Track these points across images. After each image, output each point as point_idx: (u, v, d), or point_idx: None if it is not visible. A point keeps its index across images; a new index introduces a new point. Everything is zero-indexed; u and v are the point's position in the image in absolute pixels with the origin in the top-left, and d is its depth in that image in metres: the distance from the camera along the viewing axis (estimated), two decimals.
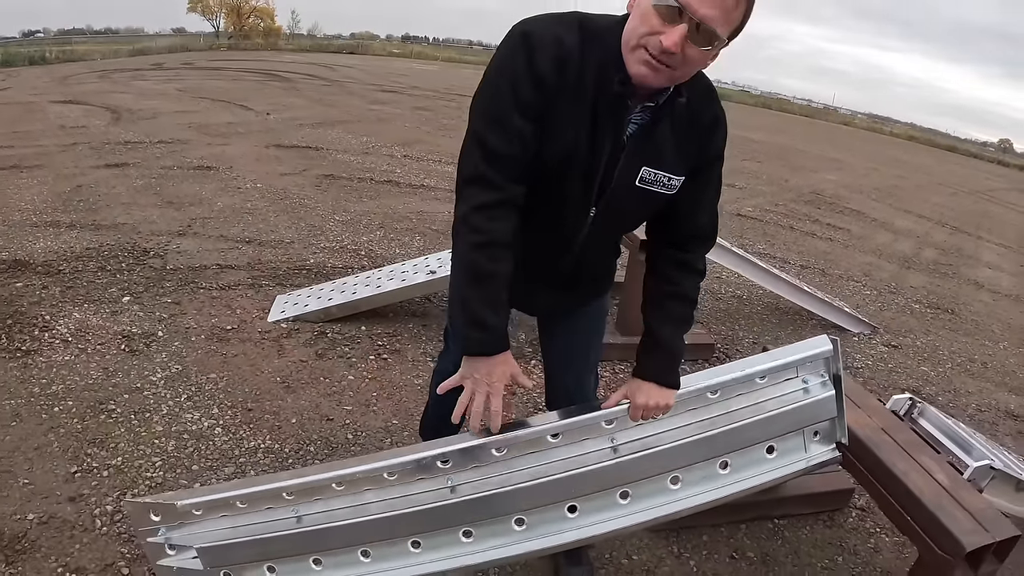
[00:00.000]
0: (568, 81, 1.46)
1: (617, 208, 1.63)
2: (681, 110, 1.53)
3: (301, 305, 3.92)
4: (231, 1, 56.62)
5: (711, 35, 1.31)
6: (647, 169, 1.56)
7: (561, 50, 1.44)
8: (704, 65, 1.43)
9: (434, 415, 2.45)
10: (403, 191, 7.10)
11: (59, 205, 5.56)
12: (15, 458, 2.57)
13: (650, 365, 1.76)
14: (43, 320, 3.60)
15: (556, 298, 1.91)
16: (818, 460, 2.06)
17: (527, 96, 1.45)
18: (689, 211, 1.71)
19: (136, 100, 11.86)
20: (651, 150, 1.55)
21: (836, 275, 6.57)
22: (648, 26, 1.33)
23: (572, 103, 1.48)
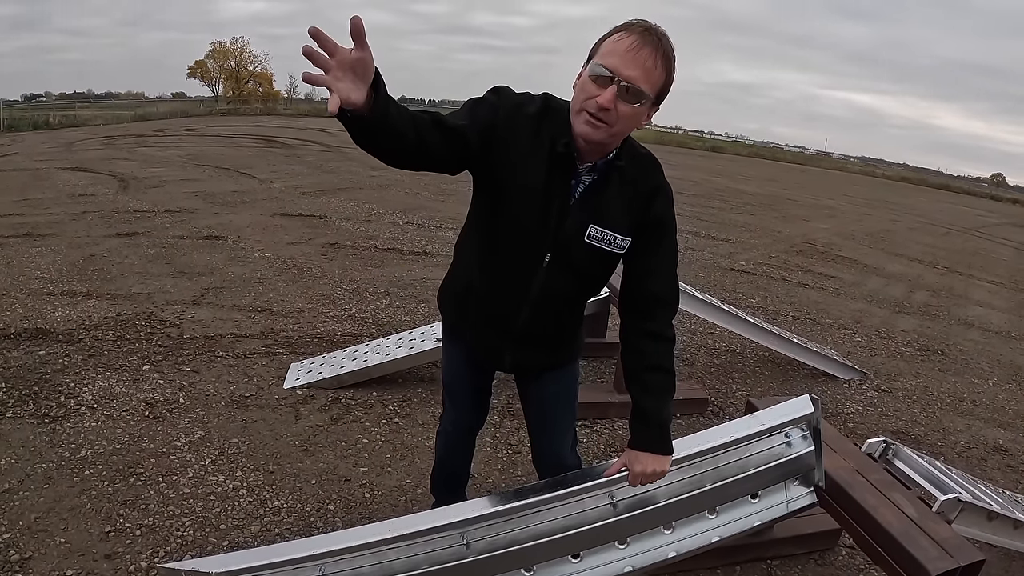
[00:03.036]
0: (522, 137, 1.75)
1: (569, 260, 1.85)
2: (624, 174, 1.81)
3: (315, 372, 4.09)
4: (230, 66, 57.62)
5: (638, 93, 1.62)
6: (594, 226, 1.81)
7: (519, 111, 1.76)
8: (637, 122, 1.70)
9: (441, 473, 2.69)
10: (406, 258, 7.30)
11: (74, 274, 5.76)
12: (50, 518, 2.71)
13: (643, 437, 1.91)
14: (68, 387, 3.76)
15: (521, 354, 2.07)
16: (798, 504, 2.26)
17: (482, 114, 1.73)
18: (643, 276, 1.89)
19: (141, 168, 12.14)
20: (597, 208, 1.81)
21: (827, 324, 6.76)
22: (587, 93, 1.65)
23: (527, 155, 1.75)
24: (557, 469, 2.28)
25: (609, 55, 1.62)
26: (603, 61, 1.62)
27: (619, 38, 1.63)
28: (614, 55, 1.62)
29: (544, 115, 1.76)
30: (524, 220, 1.80)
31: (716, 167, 26.96)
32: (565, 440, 2.34)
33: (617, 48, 1.62)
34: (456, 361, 2.32)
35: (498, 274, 1.92)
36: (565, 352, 2.17)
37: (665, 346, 1.90)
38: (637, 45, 1.60)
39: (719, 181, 20.87)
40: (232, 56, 57.75)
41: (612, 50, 1.62)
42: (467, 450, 2.67)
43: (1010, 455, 4.32)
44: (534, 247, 1.83)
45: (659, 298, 1.90)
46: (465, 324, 2.12)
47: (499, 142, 1.73)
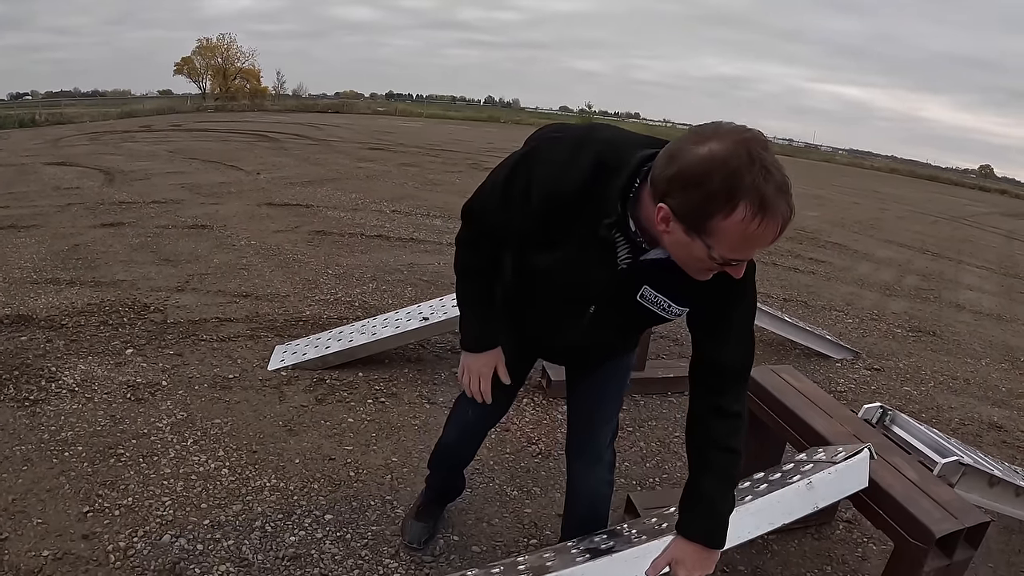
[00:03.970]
0: (564, 215, 1.53)
1: (616, 312, 1.69)
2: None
3: (300, 354, 4.05)
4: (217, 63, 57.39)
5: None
6: (648, 288, 1.60)
7: (560, 196, 1.51)
8: None
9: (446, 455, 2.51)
10: (393, 245, 7.26)
11: (58, 263, 5.69)
12: (28, 499, 2.66)
13: (694, 524, 1.67)
14: (49, 371, 3.71)
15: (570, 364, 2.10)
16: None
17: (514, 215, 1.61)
18: (712, 342, 1.66)
19: (128, 161, 12.03)
20: (655, 273, 1.57)
21: (818, 306, 6.77)
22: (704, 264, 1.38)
23: (566, 231, 1.55)
24: (592, 461, 2.18)
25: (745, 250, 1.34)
26: (738, 256, 1.35)
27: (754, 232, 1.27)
28: (751, 249, 1.33)
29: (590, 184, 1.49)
30: (573, 274, 1.63)
31: None
32: (606, 432, 2.18)
33: (755, 243, 1.31)
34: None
35: (543, 319, 1.88)
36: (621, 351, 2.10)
37: (733, 423, 1.67)
38: (779, 231, 1.29)
39: None
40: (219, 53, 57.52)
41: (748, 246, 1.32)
42: (480, 440, 2.50)
43: (1005, 431, 4.32)
44: (580, 298, 1.70)
45: (728, 368, 1.66)
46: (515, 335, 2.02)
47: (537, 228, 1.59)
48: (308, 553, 2.53)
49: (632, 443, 3.59)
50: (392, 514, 2.79)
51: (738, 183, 1.22)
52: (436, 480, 2.65)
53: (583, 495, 2.26)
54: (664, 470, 3.40)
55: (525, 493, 3.06)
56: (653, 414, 3.93)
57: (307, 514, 2.74)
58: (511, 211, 1.61)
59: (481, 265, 1.84)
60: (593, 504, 2.26)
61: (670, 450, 3.58)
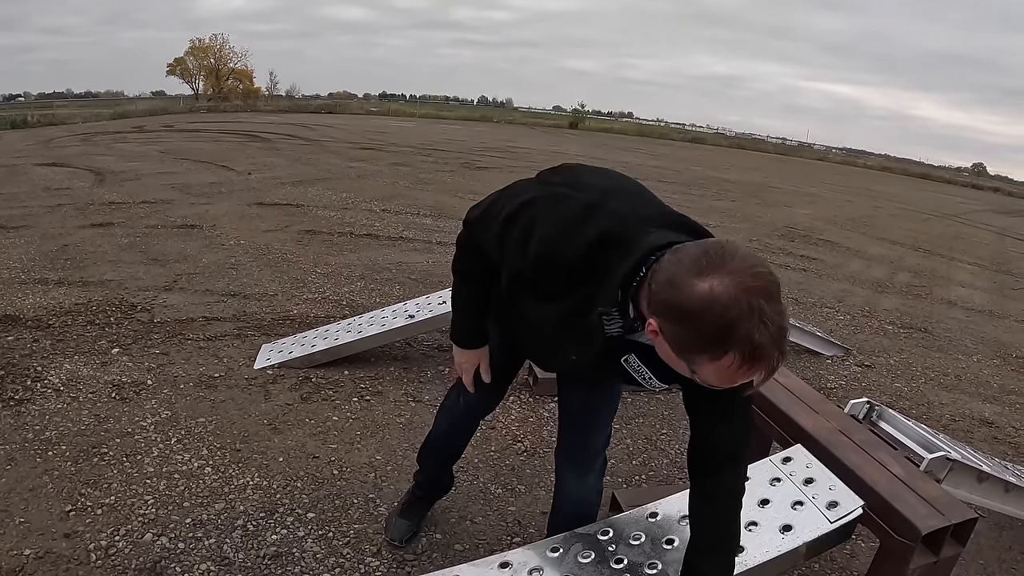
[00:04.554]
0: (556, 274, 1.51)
1: (598, 366, 1.68)
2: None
3: (286, 352, 4.04)
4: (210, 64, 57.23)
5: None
6: (634, 357, 1.58)
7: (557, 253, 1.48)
8: None
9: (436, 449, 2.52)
10: (382, 243, 7.26)
11: (46, 263, 5.67)
12: (11, 498, 2.65)
13: None
14: (35, 371, 3.70)
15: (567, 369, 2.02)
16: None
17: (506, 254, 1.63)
18: (707, 422, 1.63)
19: (119, 162, 12.00)
20: (641, 348, 1.55)
21: (809, 303, 6.79)
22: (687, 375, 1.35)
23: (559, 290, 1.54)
24: (584, 471, 2.15)
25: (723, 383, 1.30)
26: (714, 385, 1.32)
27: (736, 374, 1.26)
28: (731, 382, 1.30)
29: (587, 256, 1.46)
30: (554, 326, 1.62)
31: (698, 157, 26.99)
32: (599, 439, 2.14)
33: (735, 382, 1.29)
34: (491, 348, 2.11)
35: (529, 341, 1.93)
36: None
37: (724, 502, 1.66)
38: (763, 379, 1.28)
39: (700, 170, 20.86)
40: (211, 53, 57.24)
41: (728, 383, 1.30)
42: (470, 432, 2.50)
43: (996, 427, 4.34)
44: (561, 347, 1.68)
45: (723, 451, 1.64)
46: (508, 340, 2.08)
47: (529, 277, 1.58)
48: (290, 551, 2.52)
49: (619, 440, 3.59)
50: (375, 512, 2.79)
51: (731, 334, 1.20)
52: (424, 475, 2.63)
53: (571, 502, 2.24)
54: (650, 467, 3.40)
55: (509, 491, 3.05)
56: (640, 411, 3.93)
57: (289, 512, 2.73)
58: (505, 249, 1.61)
59: (477, 271, 1.87)
60: (580, 511, 2.24)
61: (656, 447, 3.58)
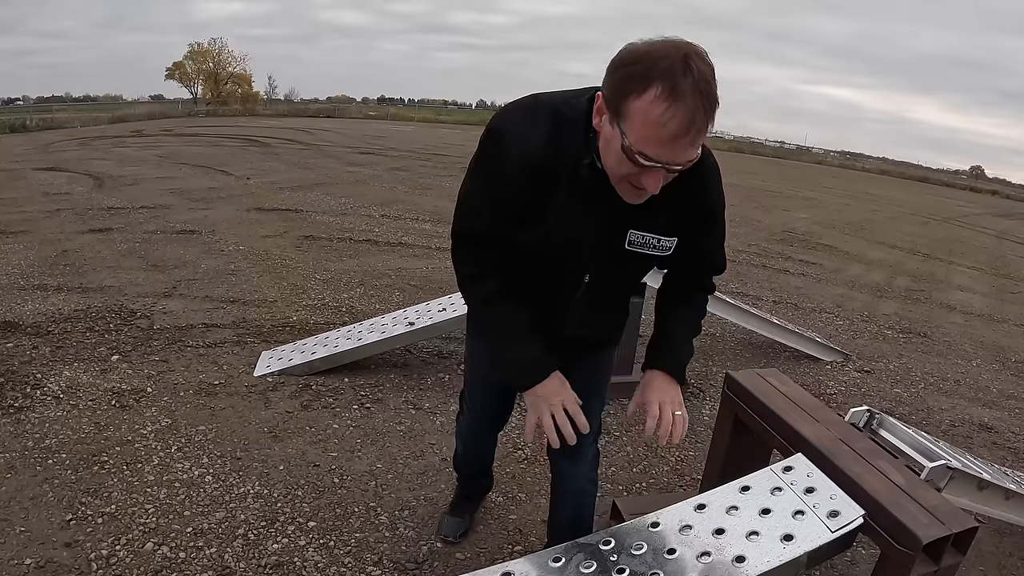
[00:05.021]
0: (543, 177, 1.57)
1: (610, 272, 1.75)
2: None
3: (286, 360, 4.04)
4: (208, 68, 57.24)
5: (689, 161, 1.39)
6: (634, 232, 1.64)
7: (533, 154, 1.54)
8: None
9: (465, 464, 2.68)
10: (382, 249, 7.26)
11: (46, 269, 5.67)
12: (11, 507, 2.65)
13: (662, 357, 1.86)
14: (34, 378, 3.70)
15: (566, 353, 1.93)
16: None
17: (499, 195, 1.61)
18: (699, 260, 1.84)
19: (118, 167, 12.01)
20: (637, 214, 1.60)
21: (809, 308, 6.79)
22: (627, 168, 1.41)
23: (551, 192, 1.59)
24: (576, 458, 2.18)
25: (651, 143, 1.33)
26: (646, 150, 1.34)
27: (659, 117, 1.29)
28: (658, 144, 1.33)
29: (555, 138, 1.54)
30: (558, 252, 1.69)
31: None
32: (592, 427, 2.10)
33: (660, 135, 1.31)
34: (484, 359, 2.12)
35: (537, 294, 1.80)
36: (613, 335, 2.10)
37: (705, 294, 1.94)
38: (684, 128, 1.31)
39: None
40: (210, 57, 57.25)
41: (653, 136, 1.32)
42: (490, 447, 2.62)
43: (996, 432, 4.33)
44: (573, 268, 1.73)
45: (709, 271, 1.90)
46: None
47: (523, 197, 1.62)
48: (291, 561, 2.52)
49: (619, 447, 3.59)
50: (376, 521, 2.79)
51: (656, 66, 1.29)
52: (462, 481, 2.80)
53: (567, 495, 2.29)
54: (651, 475, 3.40)
55: (510, 499, 3.05)
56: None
57: (290, 521, 2.73)
58: (495, 197, 1.63)
59: (496, 287, 1.75)
60: (578, 505, 2.29)
61: (657, 454, 3.57)
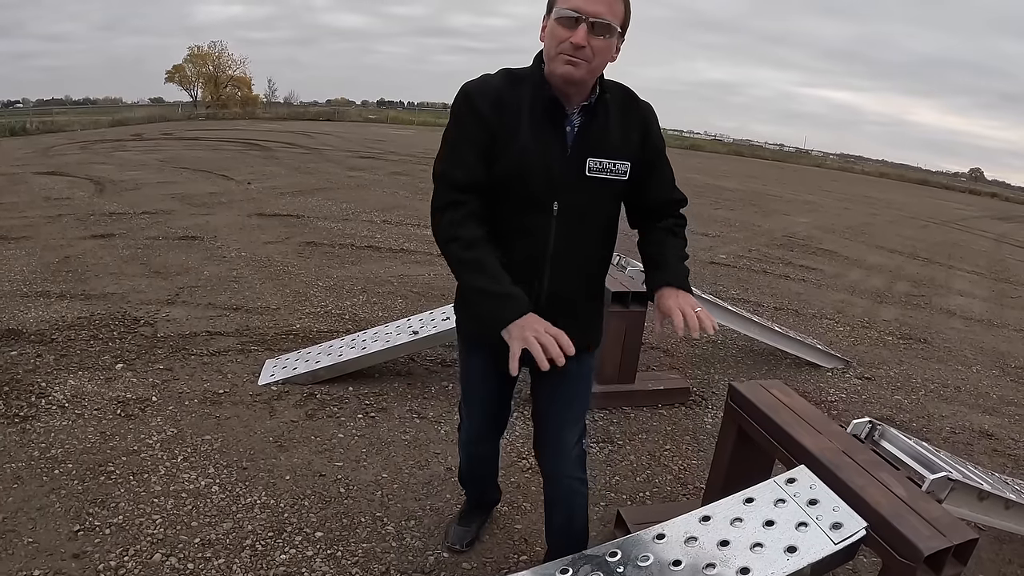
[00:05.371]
0: (507, 112, 1.83)
1: (577, 201, 1.90)
2: (610, 106, 1.90)
3: (290, 368, 4.05)
4: (208, 71, 57.20)
5: (606, 27, 1.72)
6: (592, 159, 1.87)
7: (495, 94, 1.84)
8: (610, 54, 1.80)
9: (469, 476, 2.72)
10: (384, 256, 7.27)
11: (48, 275, 5.69)
12: (19, 518, 2.66)
13: (665, 275, 1.96)
14: (39, 387, 3.71)
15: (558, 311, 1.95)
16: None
17: (473, 133, 1.84)
18: (657, 191, 2.05)
19: (118, 171, 12.03)
20: (591, 142, 1.88)
21: (809, 314, 6.80)
22: (558, 37, 1.73)
23: (515, 125, 1.83)
24: (561, 457, 2.26)
25: None
26: (567, 4, 1.71)
27: None
28: None
29: (512, 84, 1.86)
30: (527, 178, 1.85)
31: (695, 164, 26.97)
32: (573, 432, 2.26)
33: None
34: (477, 370, 2.28)
35: (513, 241, 1.92)
36: (589, 334, 2.16)
37: (682, 223, 2.11)
38: None
39: (698, 178, 20.86)
40: (210, 60, 57.12)
41: None
42: (493, 455, 2.65)
43: (996, 439, 4.35)
44: (541, 200, 1.88)
45: (673, 200, 2.08)
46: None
47: (491, 124, 1.83)
48: (299, 571, 2.53)
49: (622, 456, 3.61)
50: (383, 531, 2.80)
51: None
52: (469, 495, 2.83)
53: (558, 497, 2.33)
54: (655, 484, 3.41)
55: (515, 509, 3.07)
56: (643, 427, 3.94)
57: (298, 531, 2.74)
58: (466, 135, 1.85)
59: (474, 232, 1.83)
60: (569, 506, 2.33)
61: (660, 464, 3.59)
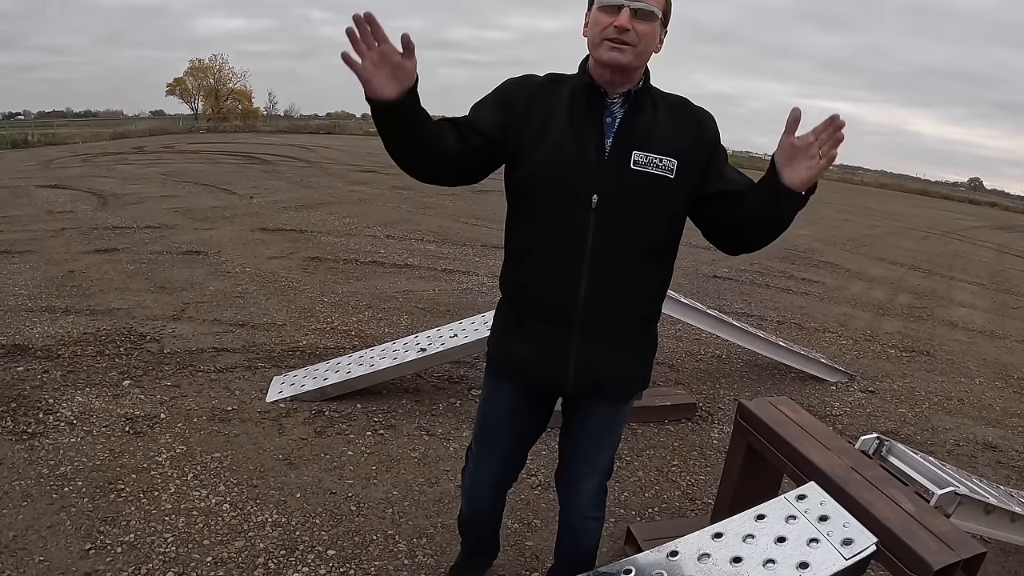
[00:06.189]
0: (540, 107, 1.81)
1: (618, 195, 1.77)
2: (659, 102, 1.83)
3: (298, 385, 4.06)
4: (209, 84, 57.40)
5: (648, 13, 1.69)
6: (637, 152, 1.77)
7: (530, 86, 1.85)
8: (655, 43, 1.76)
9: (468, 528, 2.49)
10: (388, 271, 7.28)
11: (53, 290, 5.70)
12: (29, 536, 2.66)
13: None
14: (47, 403, 3.71)
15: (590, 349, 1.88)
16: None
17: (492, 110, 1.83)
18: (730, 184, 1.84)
19: (121, 184, 12.06)
20: (637, 134, 1.78)
21: (812, 328, 6.82)
22: (602, 24, 1.70)
23: (548, 119, 1.80)
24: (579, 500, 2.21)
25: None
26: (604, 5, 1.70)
27: None
28: None
29: (553, 83, 1.85)
30: (564, 167, 1.77)
31: None
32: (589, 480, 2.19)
33: None
34: (502, 401, 2.12)
35: (548, 237, 1.82)
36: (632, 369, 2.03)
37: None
38: None
39: None
40: (211, 73, 57.42)
41: None
42: (497, 507, 2.42)
43: (1000, 451, 4.36)
44: (578, 193, 1.77)
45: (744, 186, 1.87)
46: (522, 342, 1.95)
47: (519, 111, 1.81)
48: None
49: (631, 472, 3.61)
50: (394, 549, 2.80)
51: None
52: (466, 545, 2.59)
53: (569, 528, 2.31)
54: (663, 500, 3.42)
55: (526, 526, 3.07)
56: (651, 443, 3.94)
57: (310, 550, 2.74)
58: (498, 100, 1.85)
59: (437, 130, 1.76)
60: (578, 537, 2.30)
61: (668, 479, 3.60)
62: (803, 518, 2.27)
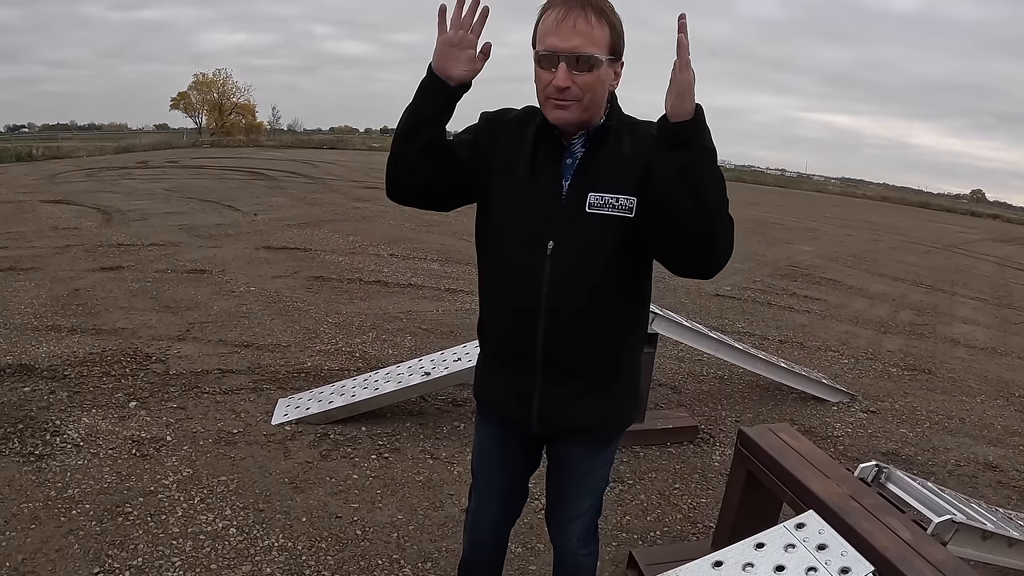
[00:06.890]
0: (506, 146, 1.78)
1: (575, 240, 1.71)
2: (616, 135, 1.72)
3: (303, 408, 4.08)
4: (212, 98, 57.59)
5: (587, 59, 1.60)
6: (593, 194, 1.70)
7: (499, 124, 1.83)
8: (605, 86, 1.68)
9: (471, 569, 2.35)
10: (391, 291, 7.31)
11: (58, 309, 5.74)
12: (38, 559, 2.68)
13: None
14: (53, 425, 3.74)
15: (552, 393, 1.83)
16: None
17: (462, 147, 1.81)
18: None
19: (125, 200, 12.12)
20: (593, 175, 1.71)
21: (814, 347, 6.83)
22: (543, 81, 1.65)
23: (513, 151, 1.78)
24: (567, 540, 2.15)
25: (544, 36, 1.63)
26: (540, 45, 1.64)
27: (546, 17, 1.63)
28: (548, 34, 1.62)
29: (527, 116, 1.80)
30: (521, 213, 1.75)
31: None
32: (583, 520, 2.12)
33: (548, 26, 1.62)
34: (486, 443, 2.10)
35: (504, 284, 1.81)
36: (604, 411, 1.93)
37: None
38: (563, 14, 1.60)
39: None
40: (215, 88, 57.66)
41: (545, 30, 1.63)
42: (499, 549, 2.33)
43: (1001, 471, 4.37)
44: (535, 237, 1.73)
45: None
46: (492, 381, 1.97)
47: (485, 148, 1.81)
48: None
49: (632, 496, 3.63)
50: (400, 573, 2.82)
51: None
52: None
53: (562, 563, 2.25)
54: (665, 523, 3.44)
55: (529, 550, 3.08)
56: (652, 466, 3.97)
57: (316, 574, 2.76)
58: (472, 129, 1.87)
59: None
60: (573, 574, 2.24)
61: (670, 502, 3.62)
62: (802, 547, 2.30)
